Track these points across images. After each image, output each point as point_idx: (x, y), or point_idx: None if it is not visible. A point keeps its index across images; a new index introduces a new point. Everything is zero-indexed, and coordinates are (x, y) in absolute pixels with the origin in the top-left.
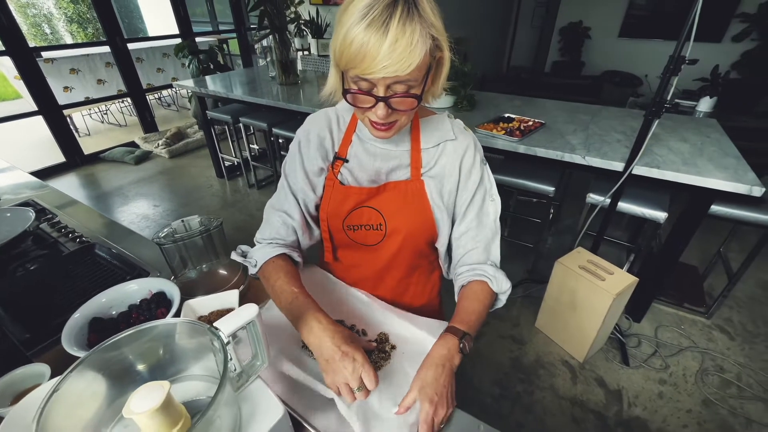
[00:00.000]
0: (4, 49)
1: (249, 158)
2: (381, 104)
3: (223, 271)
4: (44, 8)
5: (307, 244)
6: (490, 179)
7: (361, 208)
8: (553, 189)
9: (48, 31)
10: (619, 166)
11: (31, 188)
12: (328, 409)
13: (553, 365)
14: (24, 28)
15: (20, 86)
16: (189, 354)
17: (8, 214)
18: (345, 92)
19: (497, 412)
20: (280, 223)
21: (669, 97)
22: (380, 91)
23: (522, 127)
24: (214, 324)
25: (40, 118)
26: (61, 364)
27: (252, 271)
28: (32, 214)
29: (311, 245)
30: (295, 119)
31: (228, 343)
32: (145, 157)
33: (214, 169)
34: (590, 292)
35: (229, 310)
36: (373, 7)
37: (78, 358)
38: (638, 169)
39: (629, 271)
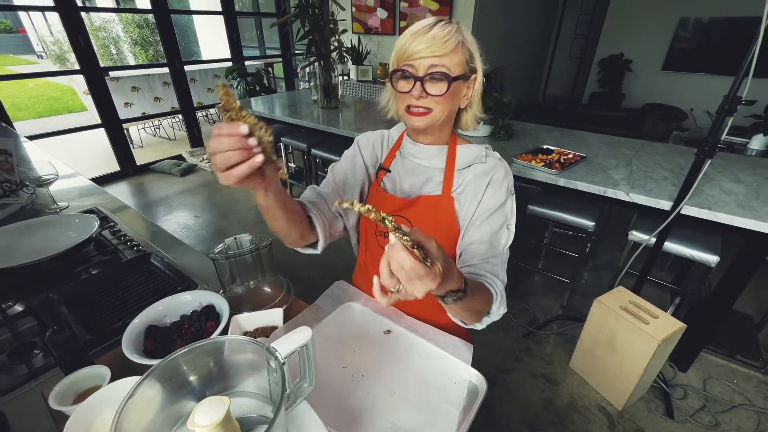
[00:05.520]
0: (79, 68)
1: (288, 176)
2: (418, 84)
3: (268, 289)
4: (113, 32)
5: (325, 211)
6: (513, 210)
7: (394, 216)
8: (593, 224)
9: (114, 51)
10: (666, 204)
11: (92, 194)
12: (369, 430)
13: (588, 410)
14: (95, 49)
15: (87, 100)
16: (240, 370)
17: (77, 220)
18: (393, 73)
19: None
20: (312, 192)
21: (722, 137)
22: (419, 72)
23: (562, 160)
24: (272, 345)
25: (101, 130)
26: (117, 367)
27: None
28: (97, 222)
29: (326, 224)
30: (334, 141)
31: (284, 364)
32: (190, 170)
33: None
34: (632, 335)
35: (273, 328)
36: (421, 25)
37: (133, 362)
38: (687, 209)
39: (674, 315)
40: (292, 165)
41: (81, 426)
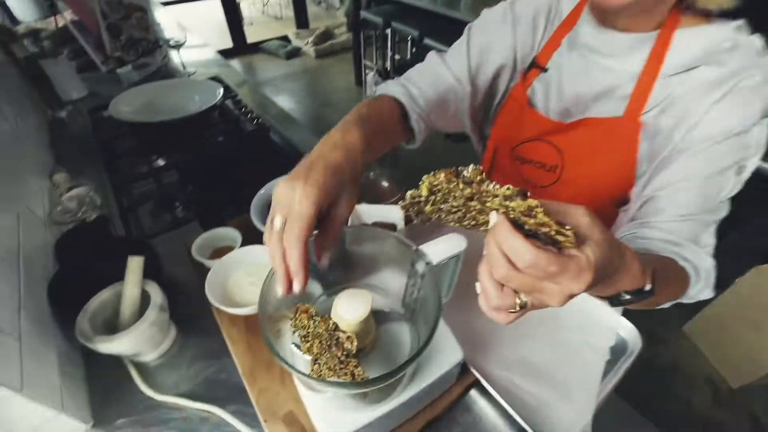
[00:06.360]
0: None
1: (390, 69)
2: None
3: (385, 183)
4: None
5: (434, 105)
6: (761, 144)
7: (538, 141)
8: None
9: None
10: None
11: (215, 65)
12: (492, 357)
13: (693, 378)
14: None
15: None
16: (369, 262)
17: (204, 86)
18: None
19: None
20: (431, 70)
21: None
22: None
23: None
24: (421, 248)
25: (216, 4)
26: (244, 232)
27: None
28: (221, 90)
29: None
30: (453, 31)
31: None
32: (295, 53)
33: (354, 75)
34: None
35: (390, 225)
36: None
37: (257, 231)
38: None
39: None
40: (398, 57)
41: (218, 280)
